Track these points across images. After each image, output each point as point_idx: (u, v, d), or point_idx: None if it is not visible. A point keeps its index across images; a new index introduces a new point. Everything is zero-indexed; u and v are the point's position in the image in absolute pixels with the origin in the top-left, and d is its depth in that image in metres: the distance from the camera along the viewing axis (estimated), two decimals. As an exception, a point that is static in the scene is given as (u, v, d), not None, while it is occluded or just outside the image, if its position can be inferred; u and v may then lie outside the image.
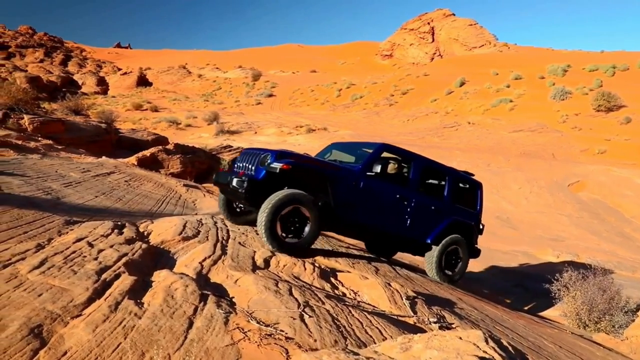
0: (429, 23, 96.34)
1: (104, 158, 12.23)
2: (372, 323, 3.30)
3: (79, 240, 3.97)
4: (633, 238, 17.36)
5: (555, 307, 8.51)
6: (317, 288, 3.94)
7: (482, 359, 1.81)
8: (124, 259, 3.64)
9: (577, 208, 19.90)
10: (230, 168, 5.82)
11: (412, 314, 3.90)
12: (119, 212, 6.62)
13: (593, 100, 38.16)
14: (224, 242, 4.80)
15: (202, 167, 15.89)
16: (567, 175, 23.51)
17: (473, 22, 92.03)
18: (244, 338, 2.58)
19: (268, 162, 4.93)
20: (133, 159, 13.48)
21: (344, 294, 4.11)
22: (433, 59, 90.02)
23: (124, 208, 7.09)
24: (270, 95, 64.24)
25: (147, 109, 46.47)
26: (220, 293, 3.32)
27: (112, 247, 3.94)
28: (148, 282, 3.33)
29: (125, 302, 2.80)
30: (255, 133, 34.73)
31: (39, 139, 12.53)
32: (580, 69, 50.88)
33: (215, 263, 4.02)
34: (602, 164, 25.72)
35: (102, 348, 2.26)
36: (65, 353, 2.18)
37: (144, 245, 4.17)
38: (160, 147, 16.08)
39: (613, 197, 20.89)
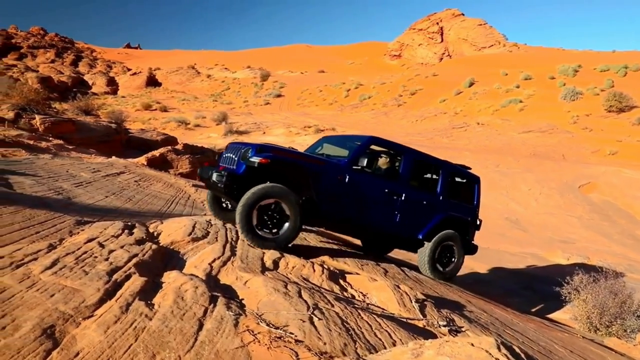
0: (438, 23, 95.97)
1: (114, 158, 12.32)
2: (381, 326, 3.30)
3: (90, 241, 4.00)
4: (645, 240, 17.15)
5: (566, 310, 8.44)
6: (326, 290, 3.94)
7: (493, 365, 1.80)
8: (135, 260, 3.66)
9: (587, 210, 19.71)
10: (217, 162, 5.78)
11: (421, 317, 3.88)
12: (129, 212, 6.66)
13: (604, 101, 37.80)
14: (233, 243, 4.81)
15: (210, 167, 15.92)
16: (577, 177, 23.31)
17: (482, 22, 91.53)
18: (254, 340, 2.58)
19: (248, 156, 4.84)
20: (142, 159, 13.58)
21: (353, 296, 4.11)
22: (442, 59, 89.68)
23: (134, 208, 7.13)
24: (279, 96, 64.38)
25: (156, 109, 46.80)
26: (230, 295, 3.33)
27: (122, 247, 3.96)
28: (158, 283, 3.34)
29: (136, 303, 2.82)
30: (264, 133, 34.82)
31: (50, 139, 12.66)
32: (592, 69, 50.41)
33: (225, 264, 4.03)
34: (613, 165, 25.46)
35: (113, 349, 2.27)
36: (78, 354, 2.20)
37: (154, 246, 4.19)
38: (170, 147, 16.19)
39: (624, 198, 20.67)
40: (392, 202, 5.73)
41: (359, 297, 4.14)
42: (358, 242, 7.78)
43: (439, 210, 6.17)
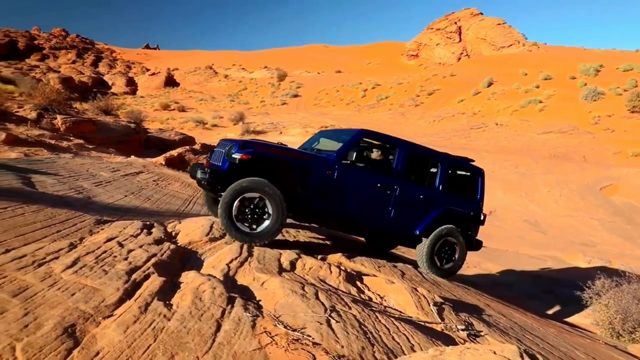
0: (456, 22, 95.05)
1: (133, 157, 12.48)
2: (399, 329, 3.26)
3: (110, 240, 4.04)
4: (669, 244, 16.71)
5: (587, 315, 8.26)
6: (343, 292, 3.92)
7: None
8: (153, 260, 3.69)
9: (609, 212, 19.30)
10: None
11: (439, 321, 3.84)
12: (148, 211, 6.73)
13: (627, 101, 36.93)
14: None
15: (227, 167, 16.02)
16: (599, 178, 22.83)
17: (501, 21, 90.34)
18: (271, 342, 2.58)
19: (232, 152, 4.82)
20: (161, 159, 13.73)
21: (370, 299, 4.08)
22: (460, 59, 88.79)
23: (152, 208, 7.21)
24: (296, 96, 64.51)
25: (174, 109, 47.36)
26: (247, 296, 3.33)
27: (141, 247, 4.00)
28: (176, 283, 3.36)
29: (155, 303, 2.84)
30: (281, 133, 34.92)
31: (71, 139, 12.89)
32: (614, 69, 49.35)
33: (242, 265, 4.04)
34: (636, 167, 24.85)
35: (132, 349, 2.28)
36: (98, 353, 2.22)
37: (172, 246, 4.23)
38: (187, 147, 16.35)
39: (648, 201, 20.17)
40: (385, 196, 5.55)
41: (376, 299, 4.11)
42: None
43: (438, 205, 5.91)
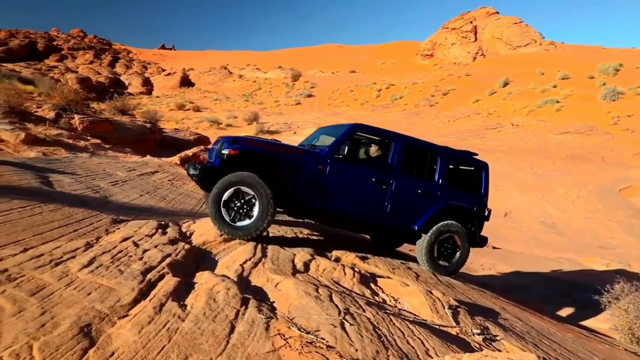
0: (472, 22, 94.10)
1: (148, 157, 12.61)
2: (413, 333, 3.23)
3: (125, 240, 4.08)
4: (691, 248, 16.32)
5: (605, 319, 8.09)
6: (357, 294, 3.89)
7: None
8: (168, 260, 3.71)
9: (628, 214, 18.92)
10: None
11: (454, 324, 3.79)
12: (163, 211, 6.79)
13: (647, 101, 36.20)
14: (264, 244, 4.82)
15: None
16: (617, 180, 22.40)
17: (518, 20, 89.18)
18: (285, 345, 2.56)
19: (222, 149, 4.85)
20: (176, 159, 13.83)
21: (385, 301, 4.04)
22: (475, 59, 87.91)
23: (167, 207, 7.26)
24: (310, 96, 64.52)
25: (189, 109, 47.75)
26: (261, 297, 3.33)
27: (156, 247, 4.03)
28: (191, 283, 3.37)
29: (169, 304, 2.85)
30: (295, 133, 34.96)
31: (88, 138, 13.06)
32: (634, 68, 48.38)
33: (256, 265, 4.04)
34: (656, 169, 24.33)
35: (147, 350, 2.29)
36: (113, 354, 2.23)
37: (187, 246, 4.25)
38: (202, 146, 16.46)
39: (669, 203, 19.73)
40: (381, 191, 5.44)
41: (391, 302, 4.08)
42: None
43: (438, 200, 5.75)
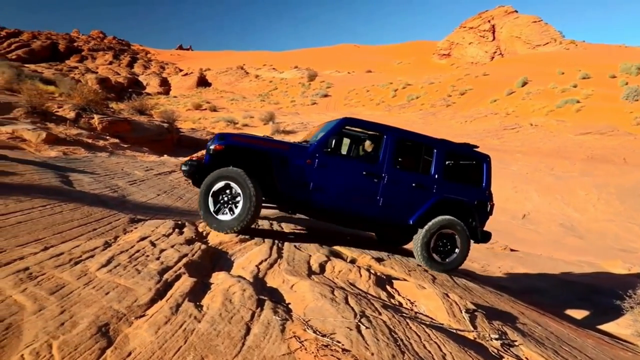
0: (490, 21, 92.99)
1: (166, 157, 12.74)
2: (430, 337, 3.18)
3: (143, 239, 4.12)
4: None
5: (627, 325, 7.90)
6: (373, 297, 3.86)
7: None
8: (184, 260, 3.73)
9: (651, 217, 18.46)
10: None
11: (471, 329, 3.73)
12: (179, 211, 6.84)
13: (672, 101, 35.31)
14: (280, 244, 4.82)
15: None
16: (640, 182, 21.88)
17: (537, 18, 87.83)
18: (301, 348, 2.55)
19: (210, 145, 4.99)
20: (192, 158, 13.92)
21: (401, 304, 4.00)
22: (493, 58, 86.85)
23: (184, 207, 7.32)
24: (326, 96, 64.51)
25: (206, 109, 48.14)
26: (277, 299, 3.32)
27: (173, 247, 4.05)
28: (207, 284, 3.38)
29: (186, 304, 2.86)
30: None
31: (107, 138, 13.25)
32: (658, 67, 47.22)
33: (272, 266, 4.04)
34: (681, 171, 23.70)
35: (163, 351, 2.30)
36: (130, 354, 2.24)
37: (203, 246, 4.27)
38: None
39: (693, 206, 19.20)
40: (372, 185, 5.38)
41: (407, 305, 4.04)
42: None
43: (434, 193, 5.62)
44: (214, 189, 4.82)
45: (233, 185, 4.80)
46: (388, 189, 5.44)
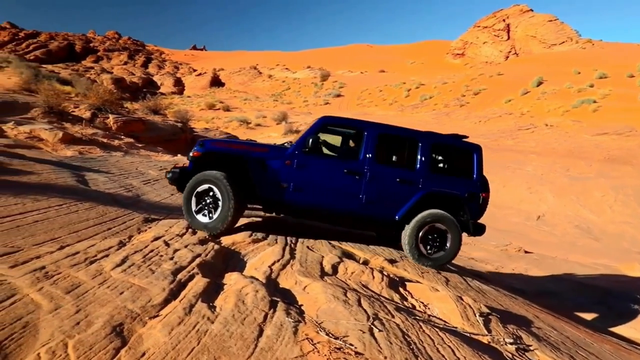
0: (504, 20, 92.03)
1: (179, 156, 12.83)
2: (443, 341, 3.15)
3: (157, 239, 4.15)
4: None
5: (645, 330, 7.76)
6: (385, 299, 3.84)
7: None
8: (198, 260, 3.75)
9: (670, 220, 18.09)
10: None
11: (485, 333, 3.68)
12: (193, 210, 6.87)
13: (692, 101, 34.58)
14: (292, 245, 4.82)
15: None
16: (659, 184, 21.45)
17: (553, 17, 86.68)
18: (313, 350, 2.54)
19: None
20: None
21: (414, 307, 3.97)
22: (508, 58, 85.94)
23: (197, 206, 7.35)
24: (339, 96, 64.49)
25: (219, 109, 48.48)
26: (289, 300, 3.32)
27: (186, 247, 4.08)
28: (220, 284, 3.39)
29: (199, 305, 2.87)
30: (322, 133, 34.91)
31: (122, 138, 13.40)
32: (677, 67, 46.30)
33: (284, 267, 4.04)
34: (701, 172, 23.19)
35: (177, 351, 2.31)
36: (144, 354, 2.26)
37: (216, 246, 4.29)
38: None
39: None
40: (354, 182, 5.38)
41: (420, 307, 4.00)
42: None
43: (420, 187, 5.55)
44: (199, 190, 4.98)
45: (214, 189, 4.95)
46: (370, 186, 5.43)
